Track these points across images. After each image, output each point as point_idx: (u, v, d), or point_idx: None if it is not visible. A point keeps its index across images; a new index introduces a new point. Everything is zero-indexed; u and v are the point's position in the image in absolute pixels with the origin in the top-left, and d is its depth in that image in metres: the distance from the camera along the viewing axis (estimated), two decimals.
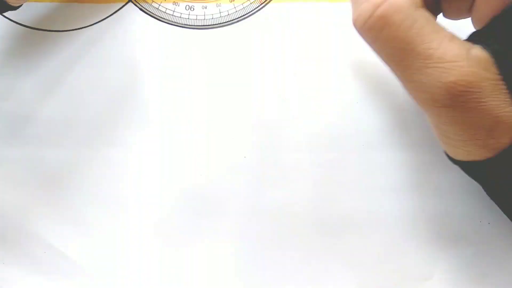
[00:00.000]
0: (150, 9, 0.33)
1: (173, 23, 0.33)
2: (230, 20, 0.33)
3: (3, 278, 0.32)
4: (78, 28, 0.34)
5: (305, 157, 0.32)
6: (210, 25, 0.33)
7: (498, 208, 0.30)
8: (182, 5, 0.33)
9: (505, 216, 0.30)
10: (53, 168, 0.33)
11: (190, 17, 0.33)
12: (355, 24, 0.22)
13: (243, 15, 0.33)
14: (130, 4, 0.33)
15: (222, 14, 0.33)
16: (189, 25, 0.33)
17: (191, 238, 0.32)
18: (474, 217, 0.31)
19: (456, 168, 0.31)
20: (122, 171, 0.32)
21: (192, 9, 0.33)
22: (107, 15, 0.34)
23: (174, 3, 0.33)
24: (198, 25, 0.33)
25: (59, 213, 0.32)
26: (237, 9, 0.33)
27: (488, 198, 0.31)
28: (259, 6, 0.33)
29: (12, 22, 0.34)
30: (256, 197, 0.32)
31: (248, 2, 0.33)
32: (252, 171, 0.32)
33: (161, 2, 0.33)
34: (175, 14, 0.33)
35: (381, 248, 0.31)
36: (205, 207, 0.32)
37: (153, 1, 0.33)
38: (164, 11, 0.33)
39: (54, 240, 0.32)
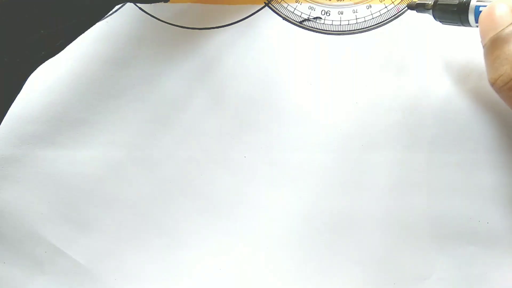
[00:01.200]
0: (286, 12, 0.33)
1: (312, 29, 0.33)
2: (367, 27, 0.33)
3: (4, 278, 0.32)
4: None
5: (305, 157, 0.32)
6: (346, 31, 0.33)
7: (497, 208, 0.31)
8: (318, 9, 0.33)
9: (504, 216, 0.31)
10: (53, 167, 0.33)
11: (326, 22, 0.33)
12: (493, 84, 0.24)
13: (380, 22, 0.33)
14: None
15: (359, 20, 0.33)
16: (325, 30, 0.33)
17: (192, 237, 0.32)
18: (473, 217, 0.31)
19: (456, 167, 0.31)
20: (123, 171, 0.32)
21: (328, 14, 0.33)
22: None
23: (310, 7, 0.33)
24: (333, 31, 0.33)
25: (60, 213, 0.32)
26: (374, 16, 0.33)
27: (487, 198, 0.31)
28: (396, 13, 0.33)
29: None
30: (256, 196, 0.32)
31: (386, 9, 0.33)
32: (252, 171, 0.32)
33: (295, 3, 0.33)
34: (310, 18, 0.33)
35: (380, 247, 0.31)
36: (205, 207, 0.32)
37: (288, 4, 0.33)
38: (299, 15, 0.33)
39: (55, 240, 0.32)
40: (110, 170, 0.33)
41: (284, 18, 0.34)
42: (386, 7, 0.33)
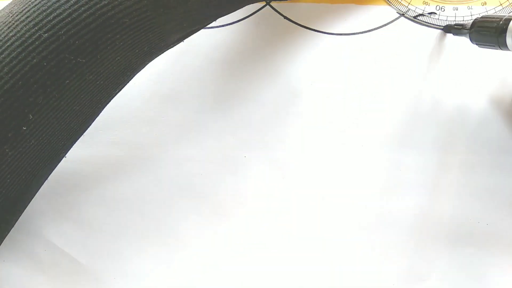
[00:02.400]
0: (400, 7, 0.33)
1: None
2: None
3: (4, 276, 0.32)
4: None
5: (306, 157, 0.32)
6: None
7: (496, 209, 0.31)
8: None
9: (502, 217, 0.31)
10: None
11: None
12: None
13: None
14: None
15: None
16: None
17: (192, 237, 0.32)
18: (473, 218, 0.31)
19: (455, 168, 0.31)
20: (123, 170, 0.32)
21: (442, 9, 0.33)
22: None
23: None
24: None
25: (59, 211, 0.32)
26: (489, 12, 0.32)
27: (486, 200, 0.31)
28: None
29: None
30: (256, 196, 0.32)
31: (500, 7, 0.32)
32: (252, 171, 0.32)
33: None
34: None
35: (380, 248, 0.31)
36: (205, 206, 0.32)
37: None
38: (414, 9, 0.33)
39: (54, 238, 0.32)
40: (110, 169, 0.33)
41: (285, 17, 0.34)
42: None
